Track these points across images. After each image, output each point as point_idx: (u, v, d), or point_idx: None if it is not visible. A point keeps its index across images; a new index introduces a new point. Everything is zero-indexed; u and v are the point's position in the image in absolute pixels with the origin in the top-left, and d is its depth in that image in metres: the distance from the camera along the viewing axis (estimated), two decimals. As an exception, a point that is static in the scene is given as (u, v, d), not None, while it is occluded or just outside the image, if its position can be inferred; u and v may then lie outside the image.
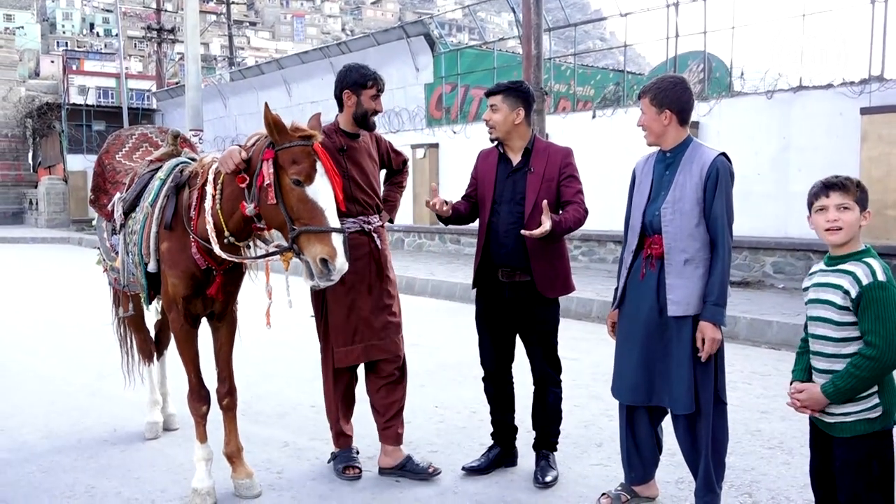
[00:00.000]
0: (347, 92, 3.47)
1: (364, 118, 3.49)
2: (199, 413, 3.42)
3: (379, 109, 3.52)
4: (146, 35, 27.80)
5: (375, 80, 3.47)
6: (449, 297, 9.78)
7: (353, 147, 3.49)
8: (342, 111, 3.54)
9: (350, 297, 3.45)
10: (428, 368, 5.66)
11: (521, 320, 3.46)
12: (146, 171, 3.64)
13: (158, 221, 3.28)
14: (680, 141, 2.90)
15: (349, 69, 3.51)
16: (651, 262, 2.90)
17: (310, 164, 2.85)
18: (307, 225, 2.80)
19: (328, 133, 3.46)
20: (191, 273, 3.23)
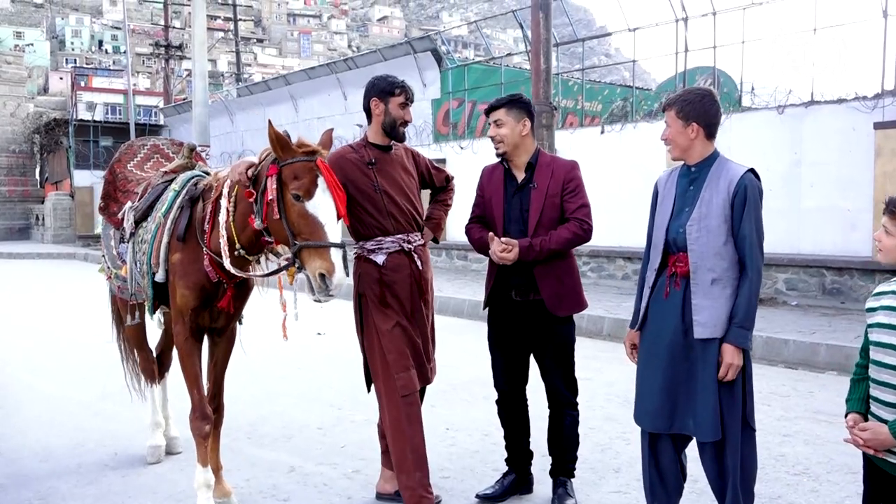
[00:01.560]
0: (375, 100, 3.36)
1: (393, 127, 3.37)
2: (201, 433, 3.30)
3: (408, 119, 3.41)
4: (154, 52, 27.92)
5: (403, 88, 3.37)
6: (457, 315, 9.64)
7: (384, 160, 3.37)
8: (371, 122, 3.43)
9: (396, 321, 3.28)
10: (438, 388, 5.49)
11: (535, 340, 3.33)
12: (160, 182, 3.64)
13: (171, 232, 3.28)
14: (706, 155, 2.78)
15: (377, 79, 3.42)
16: (676, 280, 2.77)
17: (310, 179, 2.85)
18: (307, 240, 2.82)
19: (356, 148, 3.37)
20: (201, 285, 3.21)
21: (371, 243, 3.31)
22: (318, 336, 7.82)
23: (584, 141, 12.46)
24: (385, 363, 3.25)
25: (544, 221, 3.25)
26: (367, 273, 3.33)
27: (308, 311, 3.28)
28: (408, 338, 3.29)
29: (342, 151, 3.36)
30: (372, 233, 3.31)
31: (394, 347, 3.24)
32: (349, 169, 3.28)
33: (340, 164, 3.27)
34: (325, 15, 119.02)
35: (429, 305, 3.49)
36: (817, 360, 6.51)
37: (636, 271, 11.42)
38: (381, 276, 3.29)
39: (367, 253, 3.32)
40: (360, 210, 3.30)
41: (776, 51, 11.52)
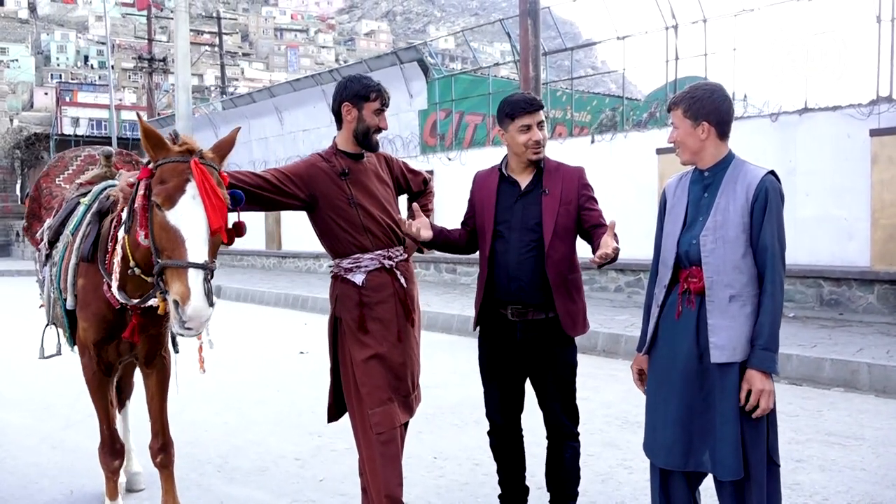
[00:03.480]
0: (347, 105, 3.00)
1: (366, 135, 3.01)
2: (110, 468, 3.07)
3: (383, 126, 3.05)
4: (137, 65, 27.58)
5: (379, 92, 3.01)
6: (446, 330, 9.32)
7: (357, 169, 3.03)
8: (341, 128, 3.08)
9: (377, 348, 2.94)
10: (425, 412, 5.17)
11: (534, 365, 3.01)
12: (74, 196, 3.25)
13: (78, 253, 2.89)
14: (720, 158, 2.49)
15: (349, 80, 3.05)
16: (689, 298, 2.47)
17: (175, 184, 2.39)
18: (170, 258, 2.38)
19: (326, 157, 3.02)
20: (102, 315, 2.82)
21: (348, 261, 2.99)
22: (302, 355, 7.48)
23: (574, 151, 12.21)
24: (359, 397, 2.92)
25: (559, 230, 2.94)
26: (344, 295, 3.00)
27: (291, 328, 2.94)
28: (388, 368, 2.96)
29: (312, 160, 3.03)
30: (348, 250, 2.99)
31: (368, 380, 2.91)
32: (321, 180, 2.96)
33: (311, 173, 2.95)
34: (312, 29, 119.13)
35: (416, 326, 3.18)
36: (822, 375, 6.23)
37: (629, 283, 11.15)
38: (361, 298, 2.97)
39: (344, 272, 3.00)
40: (334, 226, 2.98)
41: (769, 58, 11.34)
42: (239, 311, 12.08)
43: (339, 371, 3.06)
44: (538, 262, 2.91)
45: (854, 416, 5.02)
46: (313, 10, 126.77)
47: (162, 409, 3.07)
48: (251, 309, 12.27)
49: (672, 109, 2.50)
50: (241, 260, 20.37)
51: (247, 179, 2.79)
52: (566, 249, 2.95)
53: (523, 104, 2.96)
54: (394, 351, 3.00)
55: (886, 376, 5.86)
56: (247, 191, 2.79)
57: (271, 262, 18.91)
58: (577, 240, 3.03)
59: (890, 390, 5.76)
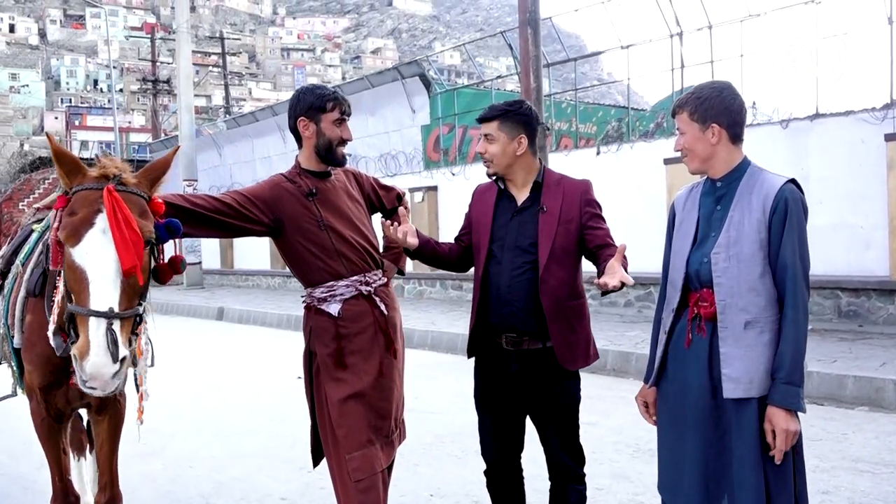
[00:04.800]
0: (303, 120, 2.74)
1: (329, 150, 2.74)
2: None
3: (347, 137, 2.78)
4: (142, 87, 27.63)
5: (337, 100, 2.74)
6: (450, 350, 9.03)
7: (324, 189, 2.76)
8: (301, 146, 2.81)
9: (356, 385, 2.67)
10: (423, 441, 4.90)
11: (532, 399, 2.72)
12: (30, 223, 2.98)
13: (26, 286, 2.61)
14: (733, 165, 2.21)
15: (302, 93, 2.79)
16: (699, 324, 2.19)
17: (84, 216, 2.06)
18: (76, 302, 2.06)
19: (290, 177, 2.76)
20: (47, 357, 2.51)
21: (321, 290, 2.73)
22: (299, 380, 7.20)
23: (579, 163, 11.95)
24: (335, 440, 2.65)
25: (556, 252, 2.64)
26: (319, 327, 2.74)
27: (291, 351, 2.68)
28: (369, 407, 2.68)
29: (275, 180, 2.77)
30: (321, 277, 2.72)
31: (345, 421, 2.63)
32: (286, 202, 2.70)
33: (275, 195, 2.69)
34: (318, 48, 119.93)
35: (398, 357, 2.91)
36: (845, 394, 5.90)
37: (639, 298, 10.84)
38: (338, 330, 2.70)
39: (318, 302, 2.74)
40: (303, 251, 2.72)
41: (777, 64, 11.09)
42: (240, 333, 11.85)
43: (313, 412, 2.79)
44: (532, 286, 2.63)
45: (882, 440, 4.69)
46: (319, 30, 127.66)
47: (111, 461, 2.78)
48: (253, 331, 12.03)
49: (677, 113, 2.23)
50: (245, 280, 20.17)
51: (204, 204, 2.54)
52: (565, 274, 2.66)
53: (479, 119, 2.75)
54: (375, 387, 2.72)
55: (914, 394, 5.52)
56: (205, 216, 2.54)
57: (276, 281, 18.68)
58: (580, 261, 2.75)
59: (918, 409, 5.42)
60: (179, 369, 7.96)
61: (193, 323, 13.63)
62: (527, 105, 2.78)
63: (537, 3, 8.33)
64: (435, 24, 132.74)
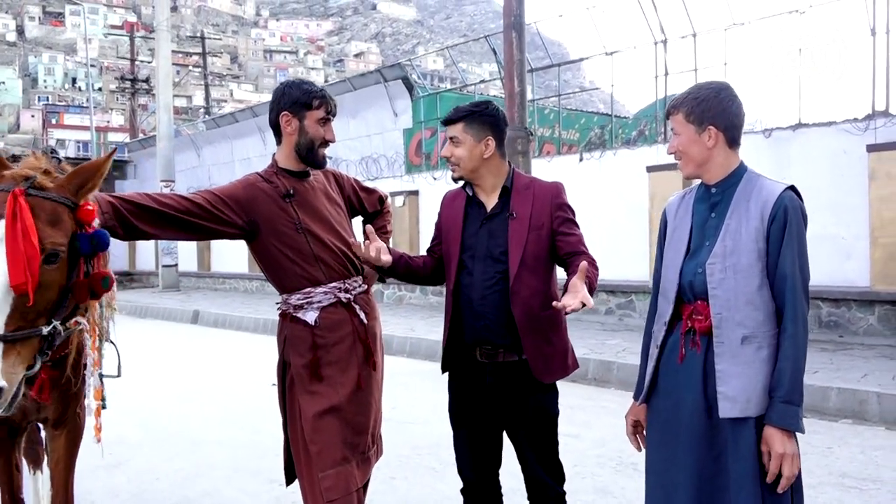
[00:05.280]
0: (286, 115, 2.59)
1: (310, 150, 2.60)
2: None
3: (330, 139, 2.64)
4: (120, 86, 27.22)
5: (324, 98, 2.61)
6: (429, 358, 8.87)
7: (302, 190, 2.62)
8: (280, 142, 2.67)
9: (332, 399, 2.52)
10: (400, 453, 4.74)
11: (508, 413, 2.59)
12: None
13: None
14: (730, 170, 2.09)
15: (287, 86, 2.64)
16: (693, 339, 2.06)
17: None
18: None
19: (267, 176, 2.61)
20: None
21: (297, 297, 2.58)
22: (273, 387, 7.01)
23: (562, 169, 11.87)
24: (308, 457, 2.50)
25: (527, 259, 2.50)
26: (294, 337, 2.59)
27: (266, 356, 2.53)
28: (345, 422, 2.53)
29: (250, 180, 2.62)
30: (298, 284, 2.58)
31: (320, 438, 2.48)
32: (262, 203, 2.55)
33: (250, 196, 2.54)
34: (301, 51, 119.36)
35: (378, 369, 2.76)
36: (828, 406, 5.83)
37: (620, 305, 10.76)
38: (315, 339, 2.55)
39: (294, 310, 2.59)
40: (280, 256, 2.57)
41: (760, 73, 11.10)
42: (215, 337, 11.61)
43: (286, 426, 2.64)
44: (505, 297, 2.50)
45: (867, 454, 4.61)
46: (303, 32, 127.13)
47: (67, 479, 2.59)
48: (228, 335, 11.80)
49: (672, 114, 2.11)
50: (222, 283, 19.88)
51: (173, 204, 2.38)
52: (537, 283, 2.52)
53: (444, 121, 2.61)
54: (352, 400, 2.58)
55: (898, 407, 5.47)
56: (174, 217, 2.38)
57: (254, 285, 18.42)
58: (554, 269, 2.61)
59: (902, 422, 5.36)
60: (149, 375, 7.74)
61: (167, 326, 13.36)
62: (493, 106, 2.63)
63: (522, 6, 8.23)
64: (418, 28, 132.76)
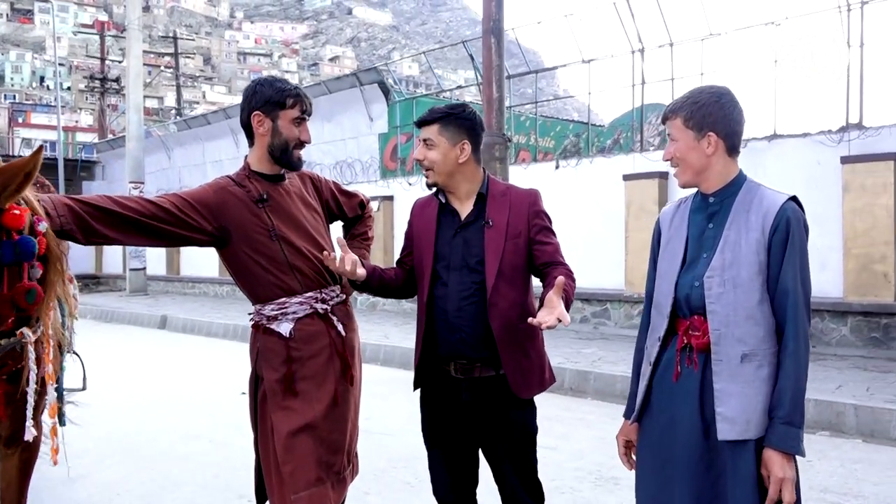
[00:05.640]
0: (258, 115, 2.46)
1: (285, 151, 2.47)
2: None
3: (305, 139, 2.51)
4: (89, 85, 26.70)
5: (298, 96, 2.48)
6: (404, 366, 8.73)
7: (277, 194, 2.48)
8: (252, 144, 2.54)
9: (307, 415, 2.39)
10: (375, 466, 4.60)
11: (485, 431, 2.46)
12: None
13: None
14: (729, 179, 2.00)
15: (259, 84, 2.51)
16: (690, 356, 1.96)
17: None
18: None
19: (239, 180, 2.47)
20: None
21: (271, 307, 2.45)
22: (243, 396, 6.81)
23: (538, 176, 11.83)
24: (280, 478, 2.35)
25: (505, 270, 2.39)
26: (267, 349, 2.45)
27: (236, 364, 2.37)
28: (320, 440, 2.40)
29: (221, 184, 2.47)
30: (272, 294, 2.44)
31: (293, 457, 2.34)
32: (233, 208, 2.41)
33: (221, 200, 2.40)
34: (276, 54, 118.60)
35: (355, 383, 2.62)
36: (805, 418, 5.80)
37: (595, 314, 10.71)
38: (290, 353, 2.42)
39: (267, 321, 2.45)
40: (252, 265, 2.43)
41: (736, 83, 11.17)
42: (183, 343, 11.33)
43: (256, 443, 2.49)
44: (482, 309, 2.38)
45: (847, 468, 4.57)
46: (277, 35, 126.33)
47: (19, 501, 2.41)
48: (197, 341, 11.52)
49: (669, 119, 2.01)
50: (192, 287, 19.51)
51: (136, 207, 2.24)
52: (515, 294, 2.41)
53: (418, 122, 2.50)
54: (328, 417, 2.44)
55: (874, 419, 5.45)
56: (136, 221, 2.23)
57: (224, 289, 18.10)
58: (531, 279, 2.51)
59: (878, 434, 5.35)
60: (113, 383, 7.49)
61: (133, 331, 13.03)
62: (470, 109, 2.51)
63: (502, 11, 8.16)
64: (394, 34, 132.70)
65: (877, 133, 8.72)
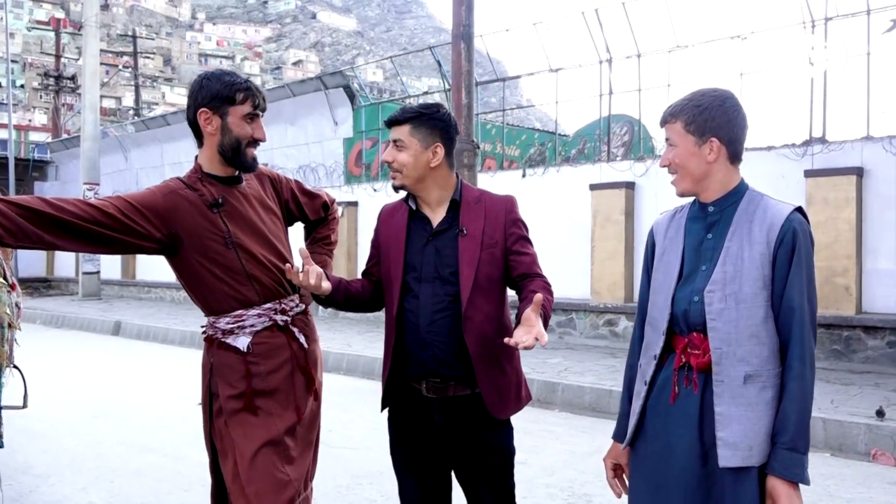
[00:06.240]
0: (205, 112, 2.24)
1: (236, 151, 2.26)
2: None
3: (259, 137, 2.30)
4: (43, 83, 25.90)
5: (249, 90, 2.26)
6: (367, 375, 8.53)
7: (232, 197, 2.29)
8: (202, 144, 2.32)
9: (270, 432, 2.22)
10: (338, 483, 4.40)
11: (460, 454, 2.29)
12: None
13: None
14: (730, 188, 1.89)
15: (206, 78, 2.29)
16: (688, 376, 1.83)
17: None
18: None
19: (191, 182, 2.27)
20: None
21: (227, 320, 2.26)
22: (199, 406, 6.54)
23: (504, 185, 11.75)
24: (246, 500, 2.16)
25: (481, 282, 2.22)
26: (223, 365, 2.27)
27: (193, 373, 2.20)
28: (285, 459, 2.22)
29: (172, 186, 2.27)
30: (227, 305, 2.26)
31: (257, 476, 2.16)
32: (184, 213, 2.22)
33: (171, 205, 2.20)
34: (238, 56, 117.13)
35: (319, 399, 2.45)
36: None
37: (560, 324, 10.65)
38: (248, 368, 2.24)
39: (223, 335, 2.27)
40: (206, 274, 2.25)
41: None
42: (138, 350, 10.94)
43: (219, 466, 2.29)
44: (455, 323, 2.21)
45: (820, 483, 4.53)
46: (240, 38, 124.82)
47: None
48: (152, 349, 11.14)
49: (669, 122, 1.89)
50: (147, 292, 18.98)
51: (74, 210, 2.02)
52: (491, 307, 2.25)
53: (388, 122, 2.31)
54: (292, 435, 2.27)
55: (843, 433, 5.44)
56: (74, 226, 2.02)
57: (181, 294, 17.61)
58: (506, 291, 2.36)
59: (846, 448, 5.33)
60: (60, 393, 7.15)
61: (85, 337, 12.56)
62: (445, 110, 2.33)
63: (472, 16, 8.05)
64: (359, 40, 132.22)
65: (840, 147, 8.83)
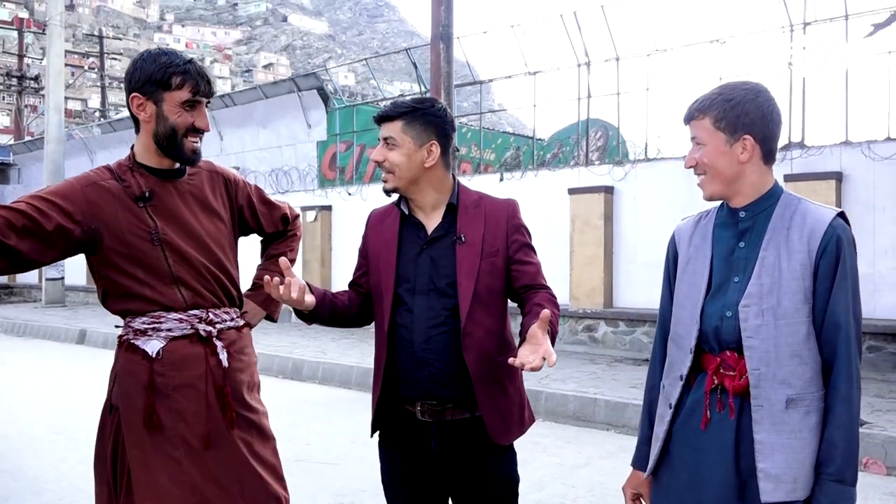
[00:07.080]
0: (137, 97, 2.00)
1: (172, 141, 2.02)
2: None
3: (200, 126, 2.06)
4: (5, 83, 25.20)
5: (187, 74, 2.01)
6: (344, 384, 8.29)
7: (165, 192, 2.05)
8: (138, 131, 2.08)
9: (171, 453, 1.94)
10: (317, 502, 4.17)
11: (457, 482, 2.09)
12: None
13: None
14: (763, 191, 1.71)
15: (142, 58, 2.04)
16: (722, 399, 1.65)
17: None
18: None
19: (118, 172, 2.02)
20: None
21: (143, 319, 2.01)
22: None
23: (482, 189, 11.42)
24: None
25: (481, 293, 2.02)
26: (126, 372, 2.01)
27: None
28: (186, 485, 1.95)
29: (93, 177, 2.02)
30: (145, 306, 2.01)
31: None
32: (106, 205, 1.97)
33: (91, 197, 1.96)
34: (207, 59, 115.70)
35: (254, 428, 2.11)
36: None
37: (540, 330, 10.50)
38: (152, 377, 1.97)
39: (134, 335, 2.01)
40: (125, 275, 2.00)
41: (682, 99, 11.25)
42: (103, 360, 10.53)
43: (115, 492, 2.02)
44: (454, 339, 2.01)
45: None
46: (210, 40, 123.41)
47: None
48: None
49: (696, 119, 1.70)
50: (115, 299, 18.46)
51: None
52: (492, 321, 2.06)
53: (378, 118, 2.10)
54: (196, 465, 1.98)
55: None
56: None
57: None
58: (507, 304, 2.16)
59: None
60: (20, 407, 6.80)
61: (48, 347, 12.11)
62: (440, 105, 2.13)
63: (451, 16, 7.89)
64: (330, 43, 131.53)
65: (819, 152, 8.83)
